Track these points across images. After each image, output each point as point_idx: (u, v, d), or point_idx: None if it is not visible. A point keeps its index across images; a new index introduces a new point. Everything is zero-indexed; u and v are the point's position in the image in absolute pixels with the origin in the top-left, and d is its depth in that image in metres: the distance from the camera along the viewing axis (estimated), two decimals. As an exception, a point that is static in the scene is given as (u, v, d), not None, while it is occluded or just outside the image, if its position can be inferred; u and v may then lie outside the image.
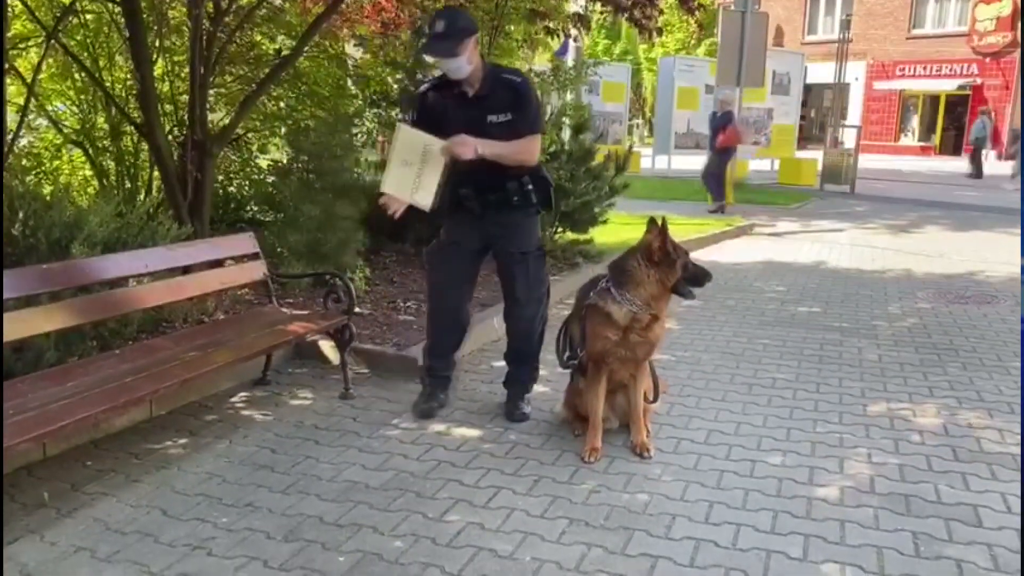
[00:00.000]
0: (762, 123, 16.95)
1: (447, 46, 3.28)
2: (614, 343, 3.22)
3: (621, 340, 3.22)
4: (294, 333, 3.69)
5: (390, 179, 3.35)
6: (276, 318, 3.89)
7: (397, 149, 3.37)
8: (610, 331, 3.21)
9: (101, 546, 2.58)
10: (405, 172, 3.33)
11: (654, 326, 3.25)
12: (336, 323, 3.87)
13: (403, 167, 3.33)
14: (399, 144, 3.37)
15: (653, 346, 3.33)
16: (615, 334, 3.21)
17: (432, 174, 3.34)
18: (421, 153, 3.32)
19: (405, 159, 3.33)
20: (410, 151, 3.33)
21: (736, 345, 5.02)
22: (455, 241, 3.60)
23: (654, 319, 3.22)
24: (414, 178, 3.33)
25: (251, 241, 4.02)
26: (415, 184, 3.33)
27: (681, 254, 3.22)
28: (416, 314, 5.15)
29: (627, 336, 3.22)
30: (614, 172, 7.24)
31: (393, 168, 3.35)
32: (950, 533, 2.70)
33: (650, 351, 3.34)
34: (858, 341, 5.14)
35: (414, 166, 3.32)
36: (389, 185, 3.36)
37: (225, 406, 3.83)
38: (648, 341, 3.27)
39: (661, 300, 3.22)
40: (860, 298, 6.47)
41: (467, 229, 3.55)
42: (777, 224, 10.93)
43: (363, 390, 4.06)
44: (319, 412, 3.78)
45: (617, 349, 3.24)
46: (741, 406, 3.92)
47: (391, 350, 4.40)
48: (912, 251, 8.86)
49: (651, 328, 3.24)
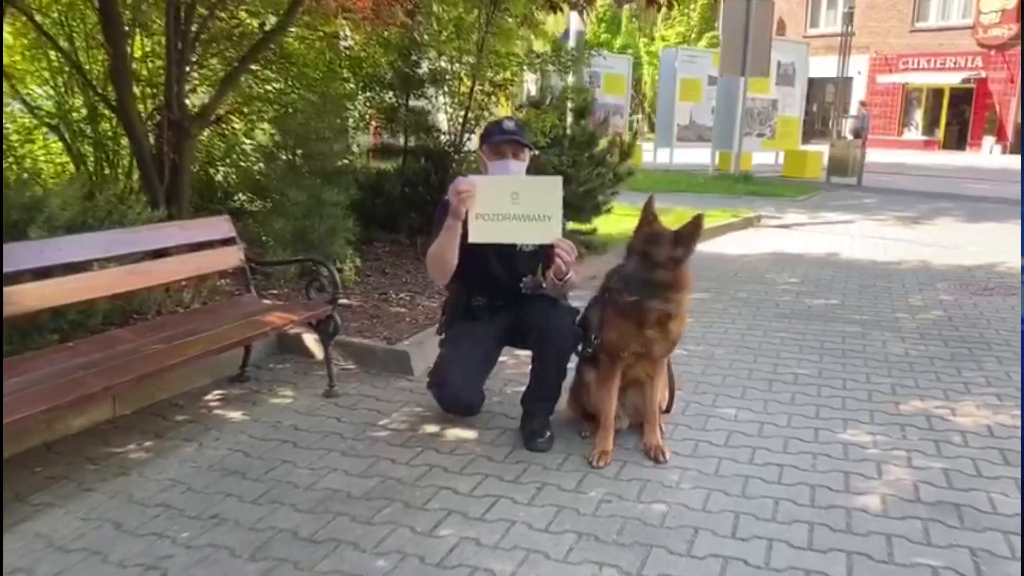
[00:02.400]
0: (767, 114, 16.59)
1: (522, 139, 3.05)
2: (629, 335, 2.89)
3: (637, 334, 2.89)
4: (271, 325, 3.35)
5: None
6: (253, 308, 3.56)
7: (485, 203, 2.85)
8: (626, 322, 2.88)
9: (40, 567, 2.24)
10: (519, 223, 2.87)
11: (672, 321, 2.91)
12: (319, 314, 3.53)
13: (511, 221, 2.86)
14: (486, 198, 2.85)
15: (672, 344, 3.00)
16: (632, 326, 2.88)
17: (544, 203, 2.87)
18: (511, 196, 2.86)
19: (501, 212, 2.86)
20: (500, 201, 2.86)
21: (752, 338, 4.68)
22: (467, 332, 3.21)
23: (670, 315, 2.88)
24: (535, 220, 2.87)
25: (226, 224, 3.68)
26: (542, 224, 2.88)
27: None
28: (409, 306, 4.82)
29: (643, 330, 2.88)
30: (618, 159, 6.90)
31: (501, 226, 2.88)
32: (1012, 549, 2.37)
33: (668, 349, 3.01)
34: (881, 334, 4.80)
35: (520, 212, 2.86)
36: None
37: (198, 405, 3.49)
38: (666, 337, 2.93)
39: (677, 293, 2.86)
40: (878, 290, 6.14)
41: (479, 325, 3.21)
42: (784, 216, 10.60)
43: (349, 387, 3.73)
44: (300, 411, 3.44)
45: (632, 342, 2.91)
46: (762, 404, 3.59)
47: (381, 344, 4.06)
48: (926, 242, 8.53)
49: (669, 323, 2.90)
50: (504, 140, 3.03)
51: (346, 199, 5.40)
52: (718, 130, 15.83)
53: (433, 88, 6.61)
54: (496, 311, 3.19)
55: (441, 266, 2.97)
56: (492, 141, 3.05)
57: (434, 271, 3.06)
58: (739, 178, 14.12)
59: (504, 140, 3.03)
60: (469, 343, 3.10)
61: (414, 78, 6.49)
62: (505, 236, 2.91)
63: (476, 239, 2.87)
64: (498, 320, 3.18)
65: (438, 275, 3.08)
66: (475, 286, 3.18)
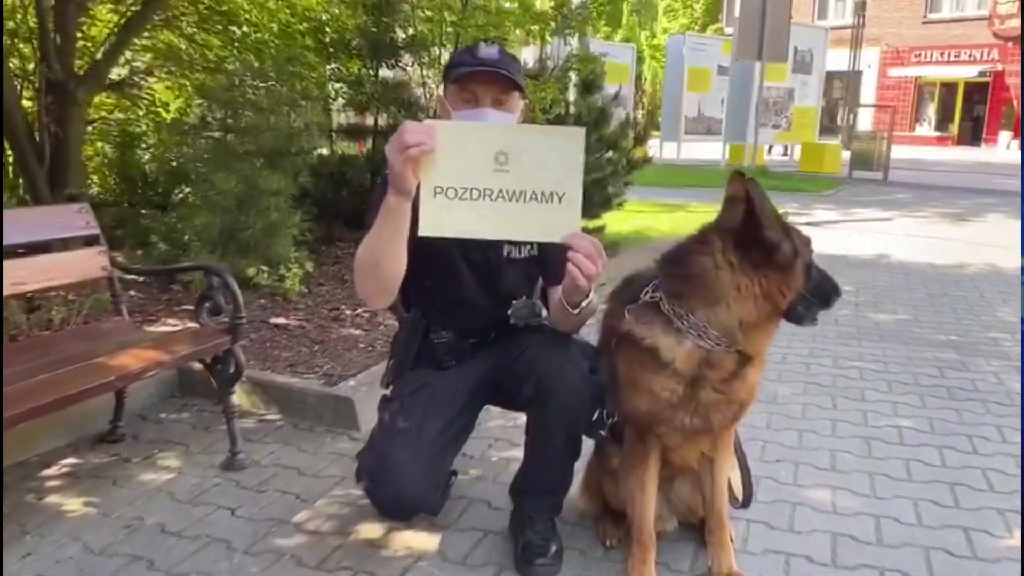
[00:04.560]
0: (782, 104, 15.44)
1: (510, 73, 1.83)
2: (669, 403, 1.73)
3: (683, 398, 1.73)
4: (119, 372, 2.15)
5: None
6: (110, 342, 2.39)
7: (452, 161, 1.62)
8: (661, 381, 1.72)
9: None
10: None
11: (745, 374, 1.75)
12: (209, 349, 2.37)
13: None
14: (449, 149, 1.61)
15: (742, 408, 1.82)
16: (671, 387, 1.72)
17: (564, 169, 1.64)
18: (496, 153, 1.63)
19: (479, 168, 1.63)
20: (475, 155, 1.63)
21: (820, 370, 3.54)
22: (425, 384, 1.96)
23: (745, 361, 1.73)
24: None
25: (83, 217, 2.52)
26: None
27: (800, 245, 1.72)
28: (367, 326, 3.67)
29: (694, 391, 1.73)
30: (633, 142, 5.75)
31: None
32: None
33: (736, 416, 1.84)
34: (987, 363, 3.67)
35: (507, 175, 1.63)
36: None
37: (27, 486, 2.33)
38: (733, 400, 1.77)
39: (760, 328, 1.70)
40: (954, 300, 5.00)
41: (442, 376, 1.99)
42: (812, 213, 9.46)
43: (263, 453, 2.58)
44: (179, 498, 2.29)
45: (676, 413, 1.75)
46: (867, 481, 2.44)
47: (316, 386, 2.90)
48: (985, 242, 7.40)
49: (739, 378, 1.74)
50: (478, 72, 1.83)
51: (292, 187, 4.26)
52: (730, 121, 14.73)
53: (410, 56, 5.48)
54: (469, 353, 2.03)
55: (375, 277, 1.74)
56: (459, 74, 1.85)
57: (365, 285, 1.79)
58: (755, 172, 12.97)
59: (478, 72, 1.83)
60: (424, 405, 1.91)
61: (386, 43, 5.35)
62: (483, 227, 1.66)
63: (432, 231, 1.64)
64: (474, 368, 2.00)
65: (372, 291, 1.81)
66: (436, 313, 2.01)
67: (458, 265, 1.94)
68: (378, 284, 1.76)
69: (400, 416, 1.88)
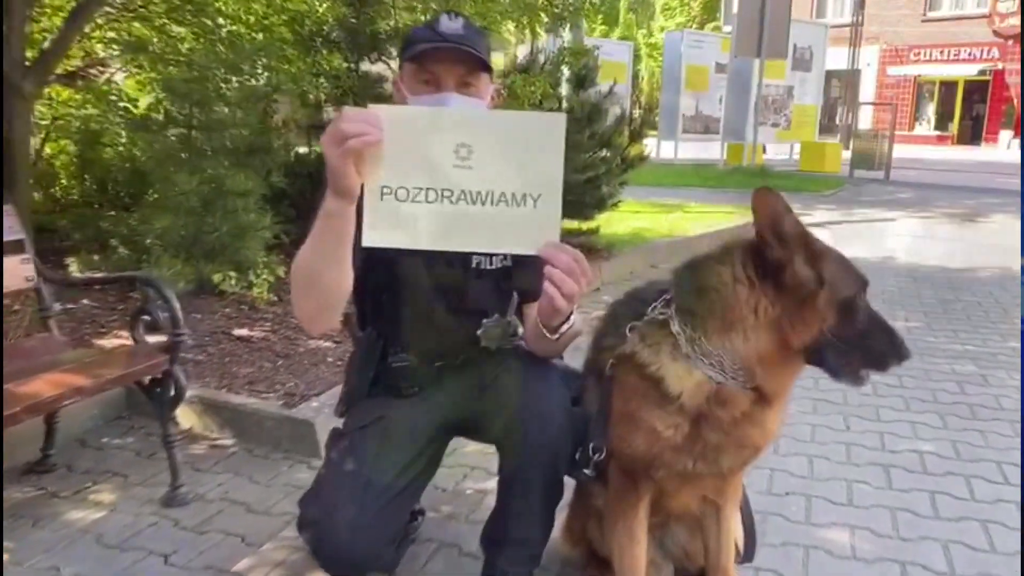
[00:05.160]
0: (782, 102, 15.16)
1: (475, 50, 1.56)
2: (671, 443, 1.45)
3: (687, 439, 1.44)
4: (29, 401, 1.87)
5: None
6: (41, 360, 2.10)
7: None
8: (664, 417, 1.44)
9: None
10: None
11: (761, 417, 1.45)
12: (144, 370, 2.09)
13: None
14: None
15: (757, 452, 1.53)
16: (673, 424, 1.43)
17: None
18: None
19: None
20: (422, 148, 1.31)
21: (830, 385, 3.23)
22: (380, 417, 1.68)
23: (762, 400, 1.43)
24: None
25: (8, 219, 2.24)
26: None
27: (835, 275, 1.35)
28: (339, 338, 3.38)
29: (701, 430, 1.44)
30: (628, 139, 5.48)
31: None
32: None
33: (749, 460, 1.56)
34: (1009, 377, 3.40)
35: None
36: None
37: (-66, 527, 2.05)
38: (745, 444, 1.48)
39: (781, 365, 1.40)
40: (968, 307, 4.73)
41: (400, 407, 1.70)
42: (814, 213, 9.17)
43: (210, 485, 2.30)
44: (106, 541, 2.00)
45: (678, 456, 1.47)
46: (889, 517, 2.16)
47: (273, 408, 2.62)
48: (994, 244, 7.13)
49: (753, 420, 1.44)
50: (439, 49, 1.55)
51: (262, 187, 3.98)
52: (728, 120, 14.44)
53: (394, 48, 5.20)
54: (434, 379, 1.74)
55: (315, 295, 1.44)
56: (416, 52, 1.57)
57: (302, 304, 1.48)
58: (755, 172, 12.72)
59: (439, 49, 1.55)
60: (378, 444, 1.62)
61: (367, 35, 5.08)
62: (440, 238, 1.35)
63: (378, 241, 1.33)
64: (439, 396, 1.71)
65: (311, 311, 1.49)
66: (395, 332, 1.72)
67: (419, 276, 1.66)
68: (318, 302, 1.47)
69: (349, 457, 1.60)
